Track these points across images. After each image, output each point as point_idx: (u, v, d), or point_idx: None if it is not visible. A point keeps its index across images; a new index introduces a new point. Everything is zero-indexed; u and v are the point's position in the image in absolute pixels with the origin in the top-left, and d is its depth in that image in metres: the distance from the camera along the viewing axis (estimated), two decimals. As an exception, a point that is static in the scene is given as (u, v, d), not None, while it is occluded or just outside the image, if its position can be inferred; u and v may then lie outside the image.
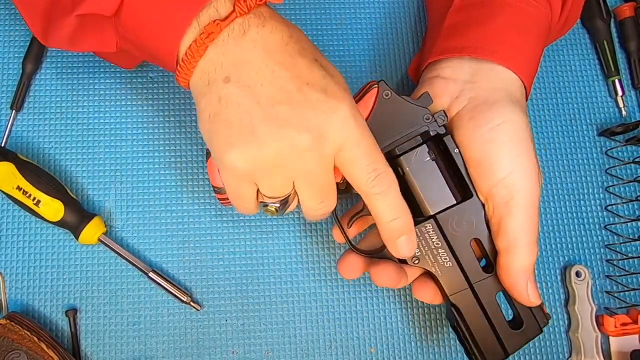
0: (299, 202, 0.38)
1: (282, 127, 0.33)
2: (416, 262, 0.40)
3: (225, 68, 0.34)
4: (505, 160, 0.38)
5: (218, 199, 0.41)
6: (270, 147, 0.33)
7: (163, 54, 0.35)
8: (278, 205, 0.37)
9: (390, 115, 0.39)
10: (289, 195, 0.37)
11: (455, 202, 0.39)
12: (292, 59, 0.34)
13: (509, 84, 0.41)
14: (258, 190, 0.37)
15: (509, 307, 0.41)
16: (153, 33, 0.35)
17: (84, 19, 0.37)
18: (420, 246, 0.40)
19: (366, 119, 0.39)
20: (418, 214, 0.40)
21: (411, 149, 0.39)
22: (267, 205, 0.38)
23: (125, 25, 0.36)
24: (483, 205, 0.39)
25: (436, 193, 0.39)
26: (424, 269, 0.40)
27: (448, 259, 0.40)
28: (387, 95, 0.39)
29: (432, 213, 0.39)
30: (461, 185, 0.40)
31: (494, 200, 0.38)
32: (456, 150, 0.39)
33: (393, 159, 0.40)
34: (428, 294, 0.41)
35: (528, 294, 0.38)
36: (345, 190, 0.40)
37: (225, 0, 0.34)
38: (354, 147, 0.35)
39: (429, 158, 0.39)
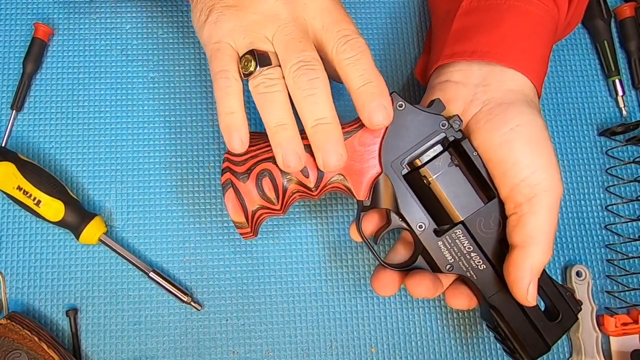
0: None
1: None
2: (450, 269, 0.39)
3: None
4: (528, 159, 0.37)
5: (240, 233, 0.41)
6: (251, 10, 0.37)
7: None
8: (256, 63, 0.37)
9: (406, 126, 0.39)
10: (267, 55, 0.37)
11: (482, 204, 0.39)
12: None
13: (521, 85, 0.40)
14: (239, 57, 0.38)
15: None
16: None
17: None
18: (453, 253, 0.39)
19: (384, 133, 0.39)
20: (446, 220, 0.40)
21: (434, 157, 0.39)
22: (248, 66, 0.37)
23: None
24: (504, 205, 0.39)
25: (464, 198, 0.39)
26: (459, 275, 0.40)
27: (481, 262, 0.39)
28: (401, 107, 0.39)
29: (462, 218, 0.39)
30: (484, 187, 0.40)
31: (515, 198, 0.38)
32: (475, 153, 0.39)
33: (417, 169, 0.39)
34: (463, 301, 0.41)
35: (527, 294, 0.38)
36: (370, 206, 0.40)
37: None
38: (324, 14, 0.37)
39: (452, 164, 0.39)
